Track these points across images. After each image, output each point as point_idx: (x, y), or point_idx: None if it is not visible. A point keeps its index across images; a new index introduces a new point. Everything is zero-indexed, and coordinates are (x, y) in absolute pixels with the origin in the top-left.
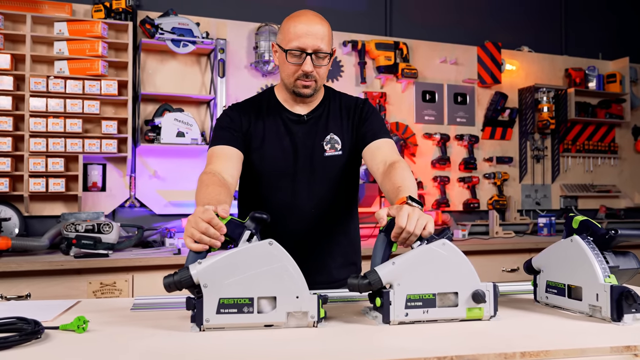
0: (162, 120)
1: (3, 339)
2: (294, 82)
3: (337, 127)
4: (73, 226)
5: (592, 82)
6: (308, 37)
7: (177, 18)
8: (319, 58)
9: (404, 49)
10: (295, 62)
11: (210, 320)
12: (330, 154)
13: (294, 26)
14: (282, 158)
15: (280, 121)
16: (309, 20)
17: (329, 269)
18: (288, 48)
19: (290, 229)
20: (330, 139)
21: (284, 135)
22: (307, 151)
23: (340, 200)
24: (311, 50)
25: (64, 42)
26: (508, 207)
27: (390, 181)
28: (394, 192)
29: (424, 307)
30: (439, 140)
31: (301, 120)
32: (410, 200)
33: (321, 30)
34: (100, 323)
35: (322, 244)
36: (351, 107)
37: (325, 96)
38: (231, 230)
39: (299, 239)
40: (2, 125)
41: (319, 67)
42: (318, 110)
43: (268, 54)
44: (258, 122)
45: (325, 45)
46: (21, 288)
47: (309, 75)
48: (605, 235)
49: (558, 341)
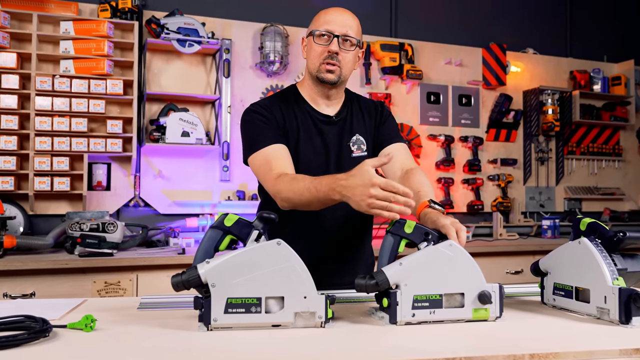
0: (167, 120)
1: (12, 337)
2: (319, 67)
3: (361, 128)
4: (78, 225)
5: (597, 84)
6: (337, 22)
7: (183, 18)
8: (346, 42)
9: (409, 50)
10: (323, 44)
11: (218, 319)
12: (358, 154)
13: (324, 13)
14: (315, 158)
15: (310, 120)
16: (340, 10)
17: (350, 272)
18: (316, 31)
19: (316, 230)
20: (356, 139)
21: (315, 134)
22: (337, 152)
23: None
24: (339, 33)
25: (70, 41)
26: (512, 209)
27: (409, 186)
28: (414, 197)
29: (431, 308)
30: (443, 142)
31: (331, 121)
32: (433, 203)
33: (351, 20)
34: (108, 322)
35: (346, 246)
36: (371, 109)
37: (347, 98)
38: (239, 230)
39: (325, 241)
40: (8, 124)
41: (345, 52)
42: (344, 112)
43: (273, 55)
44: (290, 117)
45: (353, 33)
46: (26, 287)
47: (334, 57)
48: (614, 237)
49: (566, 343)
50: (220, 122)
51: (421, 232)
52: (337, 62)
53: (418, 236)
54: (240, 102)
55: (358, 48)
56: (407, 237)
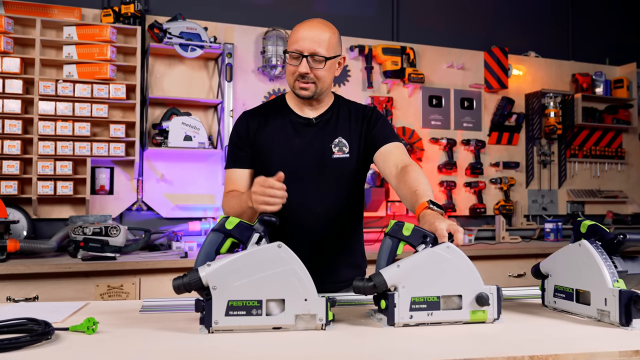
0: (169, 124)
1: (14, 340)
2: (294, 83)
3: (345, 132)
4: (81, 229)
5: (599, 87)
6: (305, 40)
7: (185, 23)
8: (316, 61)
9: (411, 53)
10: (294, 64)
11: (219, 322)
12: (339, 156)
13: (296, 31)
14: (291, 159)
15: (289, 124)
16: (311, 25)
17: (336, 269)
18: (288, 50)
19: (298, 229)
20: (338, 142)
21: (292, 137)
22: (316, 153)
23: (347, 203)
24: (307, 53)
25: (73, 46)
26: (514, 212)
27: (406, 185)
28: (412, 197)
29: (429, 310)
30: (445, 145)
31: (310, 123)
32: (432, 204)
33: (321, 35)
34: (110, 325)
35: (329, 244)
36: (360, 113)
37: (335, 102)
38: (240, 233)
39: (307, 239)
40: (12, 128)
41: (315, 70)
42: (327, 115)
43: (275, 59)
44: (267, 126)
45: (323, 50)
46: (29, 290)
47: (304, 76)
48: (614, 239)
49: (566, 345)
50: (223, 126)
51: (419, 235)
52: (309, 80)
53: (416, 238)
54: (242, 106)
55: (333, 59)
56: (405, 239)
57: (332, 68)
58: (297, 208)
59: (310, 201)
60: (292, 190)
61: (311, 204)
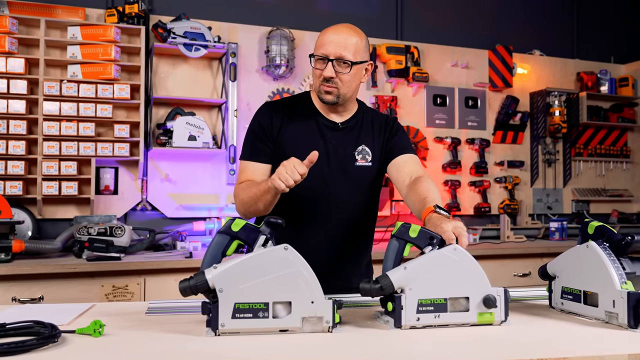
0: (173, 124)
1: (21, 343)
2: (319, 87)
3: (368, 140)
4: (85, 229)
5: (604, 85)
6: (331, 44)
7: (189, 22)
8: (341, 65)
9: (415, 52)
10: (319, 67)
11: (226, 324)
12: (361, 164)
13: (323, 35)
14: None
15: (315, 125)
16: (338, 30)
17: (348, 276)
18: (315, 54)
19: (315, 233)
20: (362, 149)
21: (318, 139)
22: (339, 158)
23: (365, 210)
24: (333, 57)
25: (77, 46)
26: (519, 211)
27: (416, 193)
28: (420, 203)
29: (436, 312)
30: (449, 144)
31: (336, 128)
32: (438, 208)
33: (348, 39)
34: (116, 327)
35: (344, 250)
36: (382, 123)
37: (359, 109)
38: (246, 235)
39: (323, 244)
40: (16, 129)
41: (341, 74)
42: (352, 121)
43: (279, 58)
44: (292, 123)
45: (349, 54)
46: (34, 291)
47: (329, 80)
48: (622, 241)
49: (574, 348)
50: (227, 126)
51: (426, 237)
52: (334, 84)
53: (423, 240)
54: (246, 105)
55: (360, 65)
56: (412, 241)
57: (358, 73)
58: (316, 211)
59: (329, 205)
60: (312, 193)
61: (330, 208)
